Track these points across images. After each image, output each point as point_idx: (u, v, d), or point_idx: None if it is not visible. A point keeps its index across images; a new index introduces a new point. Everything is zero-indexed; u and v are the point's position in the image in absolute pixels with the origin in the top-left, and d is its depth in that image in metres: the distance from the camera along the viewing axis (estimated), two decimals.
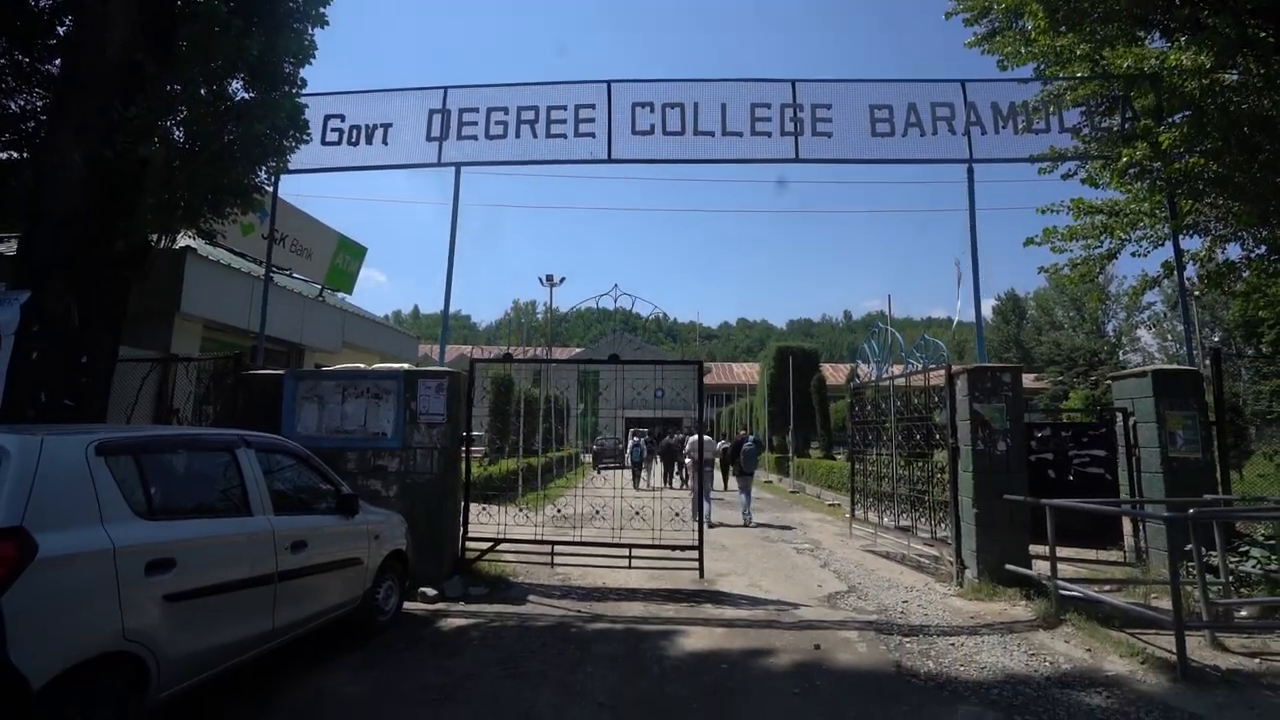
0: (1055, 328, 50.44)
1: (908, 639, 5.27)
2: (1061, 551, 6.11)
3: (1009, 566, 6.48)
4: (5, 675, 2.47)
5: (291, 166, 7.91)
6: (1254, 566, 5.97)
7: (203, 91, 5.58)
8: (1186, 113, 7.50)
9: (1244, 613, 5.50)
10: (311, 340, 13.04)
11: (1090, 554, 7.33)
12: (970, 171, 8.16)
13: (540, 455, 14.56)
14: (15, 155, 6.79)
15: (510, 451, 17.27)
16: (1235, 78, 7.08)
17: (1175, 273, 8.34)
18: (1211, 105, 6.84)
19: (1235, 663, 4.66)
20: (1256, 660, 4.71)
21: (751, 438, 13.46)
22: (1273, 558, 5.81)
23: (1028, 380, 37.65)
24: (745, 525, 11.92)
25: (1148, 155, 7.37)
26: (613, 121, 8.29)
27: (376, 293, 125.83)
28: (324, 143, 8.51)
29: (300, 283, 13.76)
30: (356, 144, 8.59)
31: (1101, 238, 9.10)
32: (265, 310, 8.70)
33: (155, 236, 5.67)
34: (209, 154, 5.52)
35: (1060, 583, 5.80)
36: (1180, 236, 8.28)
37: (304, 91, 6.57)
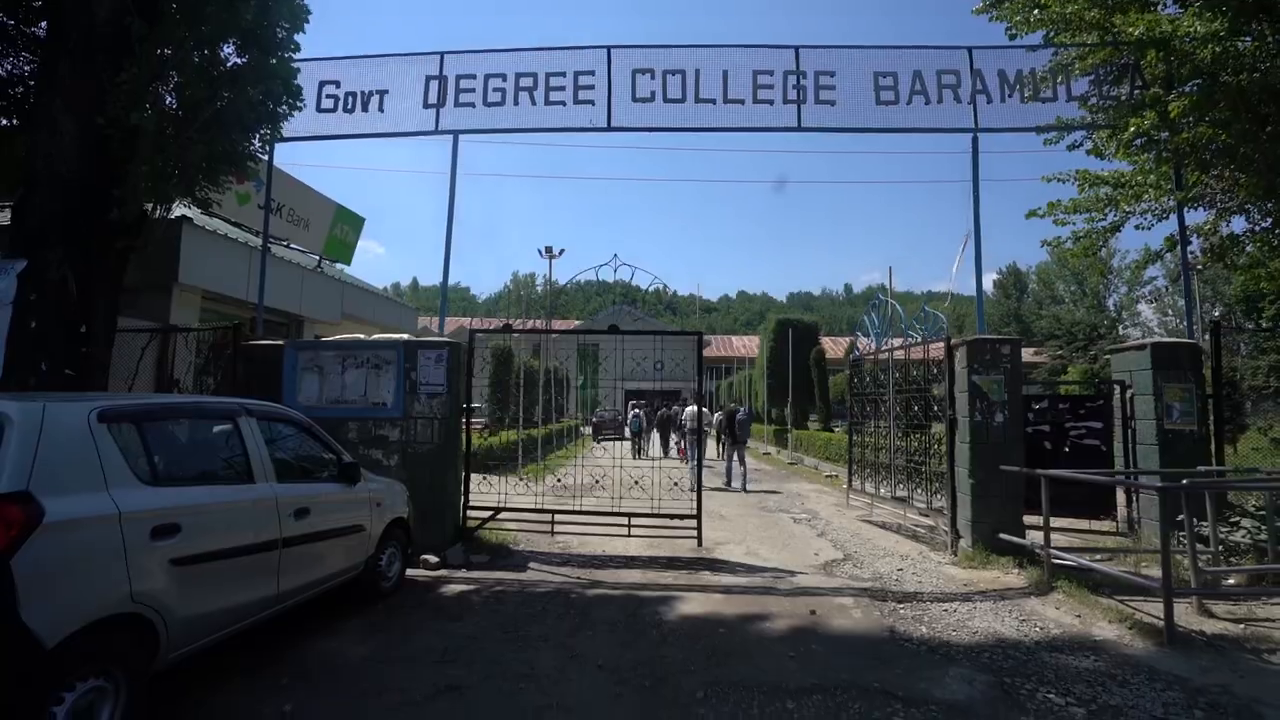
0: (1056, 302, 50.33)
1: (902, 605, 5.38)
2: (1055, 521, 6.20)
3: (1003, 536, 6.58)
4: (18, 634, 2.53)
5: (286, 134, 7.79)
6: (1244, 536, 6.06)
7: (195, 57, 5.47)
8: (1197, 82, 7.37)
9: (1231, 580, 5.61)
10: (311, 311, 13.01)
11: (1083, 524, 7.42)
12: (975, 141, 8.07)
13: (540, 427, 14.64)
14: (5, 122, 6.68)
15: (510, 423, 17.37)
16: (1248, 43, 6.94)
17: (1178, 246, 8.30)
18: (1224, 73, 6.72)
19: (1221, 628, 4.77)
20: (1241, 626, 4.81)
21: (743, 408, 14.02)
22: (1262, 528, 5.89)
23: (1027, 354, 37.71)
24: (741, 491, 12.15)
25: (1155, 125, 7.26)
26: (613, 89, 8.15)
27: (375, 265, 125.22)
28: (319, 110, 8.39)
29: (298, 253, 13.68)
30: (352, 111, 8.46)
31: (1105, 210, 9.03)
32: (264, 280, 8.66)
33: (151, 205, 5.62)
34: (202, 121, 5.44)
35: (1053, 551, 5.89)
36: (1185, 209, 8.21)
37: (298, 57, 6.44)
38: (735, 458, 12.76)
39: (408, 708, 3.49)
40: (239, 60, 5.91)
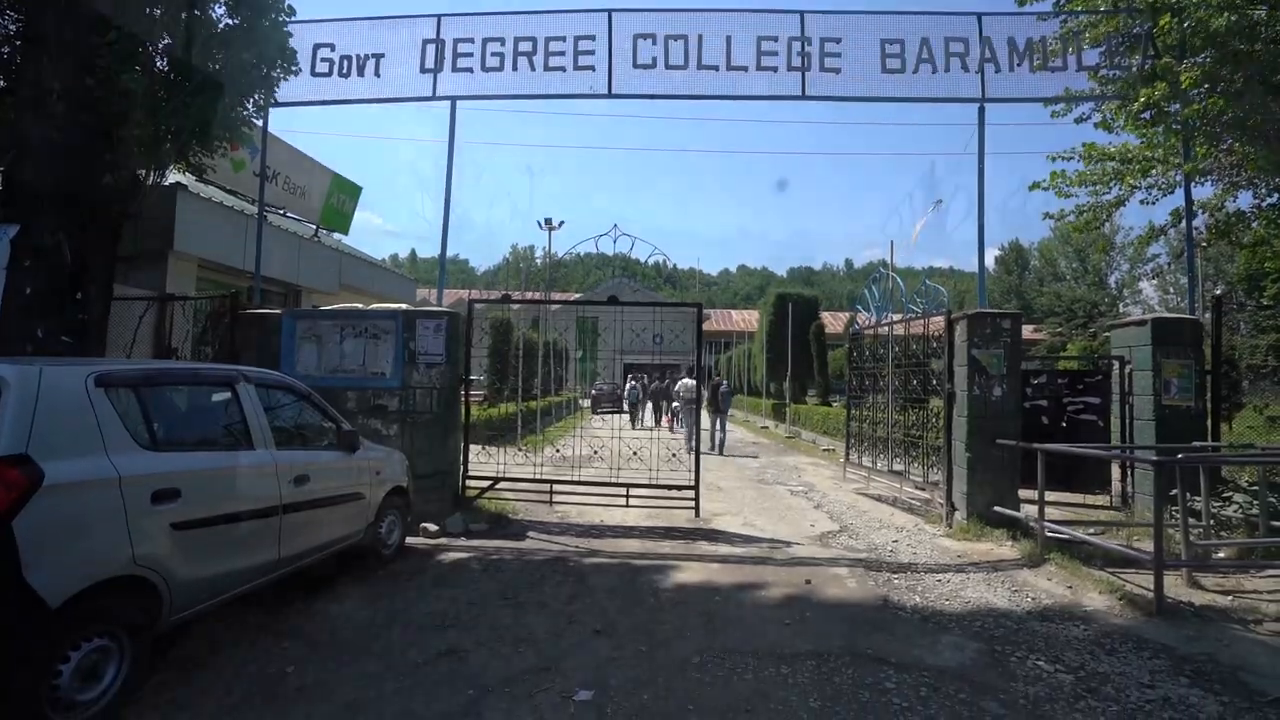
0: (1058, 279, 50.09)
1: (896, 575, 5.45)
2: (1050, 495, 6.25)
3: (997, 509, 6.64)
4: (23, 594, 2.56)
5: (280, 99, 7.67)
6: (1235, 511, 6.11)
7: (184, 16, 5.34)
8: (1210, 52, 7.23)
9: (1222, 553, 5.67)
10: (308, 281, 12.94)
11: (1078, 498, 7.50)
12: (981, 111, 7.93)
13: (539, 399, 14.68)
14: None
15: (509, 395, 17.40)
16: (1263, 12, 6.78)
17: (1184, 219, 8.22)
18: (1237, 42, 6.59)
19: (1209, 599, 4.84)
20: (1229, 597, 4.89)
21: (725, 382, 15.85)
22: (1254, 502, 5.94)
23: (1026, 332, 37.58)
24: (718, 454, 13.32)
25: (1166, 96, 7.14)
26: (613, 54, 7.99)
27: (373, 236, 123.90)
28: (313, 74, 8.22)
29: (295, 222, 13.54)
30: (348, 75, 8.29)
31: (1110, 184, 8.94)
32: (260, 249, 8.59)
33: (144, 170, 5.54)
34: (194, 84, 5.33)
35: (1047, 524, 5.96)
36: (1192, 183, 8.11)
37: (291, 19, 6.28)
38: (718, 425, 14.38)
39: (408, 670, 3.56)
40: (230, 22, 5.78)
